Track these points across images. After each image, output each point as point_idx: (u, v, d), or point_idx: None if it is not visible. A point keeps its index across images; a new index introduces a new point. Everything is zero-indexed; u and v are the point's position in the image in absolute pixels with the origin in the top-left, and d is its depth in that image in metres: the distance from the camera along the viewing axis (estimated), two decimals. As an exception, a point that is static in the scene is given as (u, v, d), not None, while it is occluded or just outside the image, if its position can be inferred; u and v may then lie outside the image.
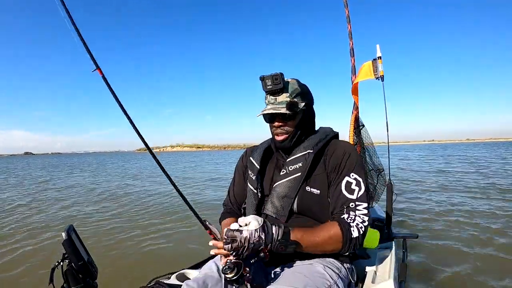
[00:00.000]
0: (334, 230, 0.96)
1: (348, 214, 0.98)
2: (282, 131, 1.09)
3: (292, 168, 1.08)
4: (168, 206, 5.29)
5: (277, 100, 1.07)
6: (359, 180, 1.02)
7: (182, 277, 1.28)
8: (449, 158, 17.20)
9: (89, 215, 4.79)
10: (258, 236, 0.87)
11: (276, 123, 1.09)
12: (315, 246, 0.96)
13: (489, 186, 6.27)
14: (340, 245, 0.96)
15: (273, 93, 1.07)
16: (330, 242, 0.95)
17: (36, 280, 2.44)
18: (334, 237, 0.95)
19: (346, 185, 1.02)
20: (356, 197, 1.00)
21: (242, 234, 0.86)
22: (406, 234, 1.87)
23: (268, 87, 1.06)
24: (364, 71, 1.99)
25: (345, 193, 1.01)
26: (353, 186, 1.01)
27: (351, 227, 0.96)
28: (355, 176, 1.03)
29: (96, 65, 1.09)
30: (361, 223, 0.97)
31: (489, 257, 2.57)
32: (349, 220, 0.97)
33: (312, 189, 1.05)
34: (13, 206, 5.76)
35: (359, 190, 1.01)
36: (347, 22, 2.16)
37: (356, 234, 0.95)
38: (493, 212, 4.08)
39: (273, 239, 0.90)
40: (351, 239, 0.95)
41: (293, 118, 1.08)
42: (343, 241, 0.95)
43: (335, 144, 1.12)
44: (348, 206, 0.99)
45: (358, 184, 1.02)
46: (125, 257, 2.91)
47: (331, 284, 0.95)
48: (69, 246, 0.85)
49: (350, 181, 1.02)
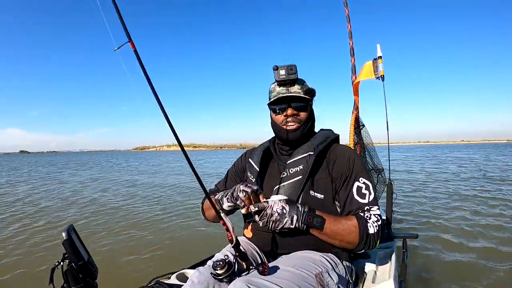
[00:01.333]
0: (353, 222, 0.97)
1: (364, 213, 1.00)
2: (295, 119, 1.09)
3: (293, 171, 1.07)
4: (168, 206, 5.29)
5: (289, 90, 1.07)
6: (368, 184, 1.03)
7: (182, 277, 1.28)
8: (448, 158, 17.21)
9: (89, 215, 4.79)
10: (282, 206, 0.91)
11: (290, 111, 1.07)
12: (336, 231, 0.96)
13: (489, 186, 6.28)
14: (357, 239, 0.96)
15: (285, 84, 1.08)
16: (349, 233, 0.96)
17: (36, 280, 2.44)
18: (353, 229, 0.96)
19: (357, 190, 1.03)
20: (368, 201, 1.01)
21: (268, 203, 0.91)
22: (406, 234, 1.87)
23: (281, 77, 1.05)
24: (365, 71, 2.00)
25: (357, 198, 1.02)
26: (364, 191, 1.02)
27: (368, 223, 0.97)
28: (364, 181, 1.04)
29: (129, 37, 0.90)
30: (376, 222, 0.98)
31: (489, 257, 2.57)
32: (366, 217, 0.99)
33: (316, 193, 1.04)
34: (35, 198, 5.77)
35: (369, 194, 1.02)
36: (347, 21, 2.16)
37: (373, 230, 0.96)
38: (493, 212, 4.10)
39: (299, 211, 0.93)
40: (367, 235, 0.96)
41: (306, 108, 1.10)
42: (360, 235, 0.95)
43: (337, 149, 1.12)
44: (363, 209, 1.01)
45: (367, 188, 1.03)
46: (125, 257, 2.90)
47: (321, 271, 0.95)
48: (69, 246, 0.85)
49: (360, 186, 1.03)
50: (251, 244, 1.16)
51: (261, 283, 0.82)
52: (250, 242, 1.18)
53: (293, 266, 0.92)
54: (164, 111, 0.89)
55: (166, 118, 0.89)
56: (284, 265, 0.93)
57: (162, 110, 0.89)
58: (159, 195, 6.56)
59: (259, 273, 0.86)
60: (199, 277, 0.94)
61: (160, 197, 6.30)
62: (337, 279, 0.98)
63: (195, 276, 0.95)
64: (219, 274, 0.87)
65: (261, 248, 1.16)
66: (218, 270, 0.87)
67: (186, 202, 5.61)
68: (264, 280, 0.83)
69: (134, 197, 6.49)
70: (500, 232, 3.22)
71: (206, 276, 0.93)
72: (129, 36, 0.89)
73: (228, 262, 0.89)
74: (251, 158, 1.24)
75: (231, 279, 0.87)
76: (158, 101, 0.88)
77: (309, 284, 0.89)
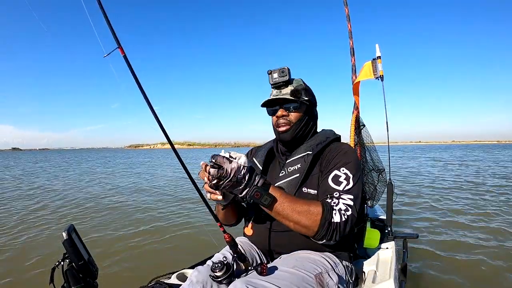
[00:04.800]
0: (315, 206, 0.91)
1: (332, 199, 0.94)
2: (284, 121, 1.10)
3: (291, 170, 1.08)
4: (168, 206, 5.30)
5: (281, 92, 1.09)
6: (349, 176, 0.98)
7: (182, 277, 1.28)
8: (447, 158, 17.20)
9: (89, 215, 4.79)
10: (243, 173, 0.84)
11: (279, 113, 1.10)
12: (290, 213, 0.88)
13: (489, 187, 6.27)
14: (316, 224, 0.88)
15: (278, 87, 1.10)
16: (307, 216, 0.89)
17: (36, 280, 2.45)
18: (313, 212, 0.89)
19: (334, 177, 0.98)
20: (342, 188, 0.95)
21: (231, 164, 0.82)
22: (406, 234, 1.87)
23: (274, 79, 1.08)
24: (364, 71, 1.99)
25: (330, 183, 0.98)
26: (341, 179, 0.97)
27: (333, 210, 0.91)
28: (346, 171, 0.99)
29: (118, 43, 0.89)
30: (344, 211, 0.91)
31: (489, 257, 2.57)
32: (332, 203, 0.92)
33: (309, 189, 1.04)
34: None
35: (347, 184, 0.96)
36: (347, 21, 2.15)
37: (338, 219, 0.89)
38: (493, 212, 4.09)
39: (252, 183, 0.86)
40: (330, 223, 0.89)
41: (296, 109, 1.10)
42: (321, 222, 0.88)
43: (334, 145, 1.12)
44: (332, 194, 0.95)
45: (347, 179, 0.97)
46: (126, 257, 2.90)
47: (321, 272, 0.95)
48: (69, 246, 0.85)
49: (339, 175, 0.98)
50: (250, 244, 1.17)
51: (260, 284, 0.82)
52: (249, 241, 1.18)
53: (292, 267, 0.92)
54: (156, 115, 0.90)
55: (158, 122, 0.90)
56: (283, 266, 0.93)
57: (154, 115, 0.90)
58: (159, 195, 6.56)
59: (257, 273, 0.86)
60: (197, 276, 0.94)
61: (160, 197, 6.30)
62: (337, 279, 0.97)
63: (194, 275, 0.95)
64: (218, 276, 0.87)
65: (260, 247, 1.16)
66: (217, 272, 0.87)
67: (186, 202, 5.61)
68: (264, 281, 0.83)
69: (134, 197, 6.49)
70: (501, 232, 3.22)
71: (205, 276, 0.93)
72: (118, 42, 0.89)
73: (226, 264, 0.89)
74: (255, 157, 1.26)
75: (230, 281, 0.87)
76: (150, 107, 0.89)
77: (309, 285, 0.89)
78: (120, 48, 0.89)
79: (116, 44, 0.89)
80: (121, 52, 0.89)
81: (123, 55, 0.89)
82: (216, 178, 0.81)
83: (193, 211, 4.75)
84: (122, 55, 0.90)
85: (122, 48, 0.89)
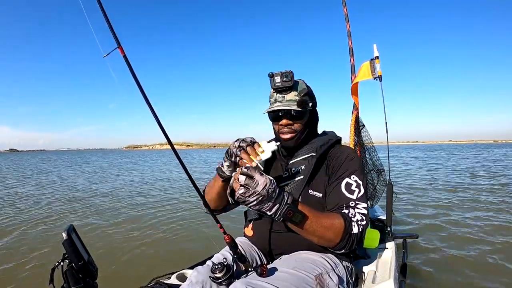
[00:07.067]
0: (337, 219, 0.92)
1: (349, 210, 0.96)
2: (289, 129, 1.08)
3: (295, 171, 1.07)
4: (168, 206, 5.29)
5: (285, 98, 1.05)
6: (359, 183, 1.01)
7: (182, 277, 1.28)
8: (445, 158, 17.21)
9: (89, 215, 4.79)
10: (271, 188, 0.79)
11: (284, 121, 1.06)
12: (317, 228, 0.88)
13: (489, 187, 6.28)
14: (339, 237, 0.90)
15: (281, 91, 1.05)
16: (332, 230, 0.90)
17: (36, 281, 2.44)
18: (337, 226, 0.90)
19: (346, 186, 1.00)
20: (356, 197, 0.98)
21: (260, 179, 0.78)
22: (406, 234, 1.88)
23: (277, 84, 1.03)
24: (362, 72, 1.99)
25: (345, 192, 0.99)
26: (353, 188, 1.00)
27: (352, 222, 0.93)
28: (356, 179, 1.01)
29: (118, 43, 0.88)
30: (360, 221, 0.94)
31: (489, 257, 2.57)
32: (350, 215, 0.94)
33: (315, 192, 1.05)
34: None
35: (359, 192, 0.99)
36: (346, 21, 2.16)
37: (356, 230, 0.92)
38: (492, 211, 4.09)
39: (283, 200, 0.83)
40: (350, 234, 0.91)
41: (301, 117, 1.07)
42: (343, 234, 0.90)
43: (338, 149, 1.12)
44: (348, 204, 0.97)
45: (358, 186, 1.00)
46: (125, 257, 2.90)
47: (321, 273, 0.95)
48: (69, 246, 0.85)
49: (351, 183, 1.00)
50: (251, 245, 1.17)
51: (260, 285, 0.82)
52: (249, 242, 1.18)
53: (292, 268, 0.92)
54: (155, 116, 0.89)
55: (158, 122, 0.89)
56: (283, 267, 0.93)
57: (154, 115, 0.89)
58: (159, 195, 6.55)
59: (257, 274, 0.86)
60: (197, 277, 0.94)
61: (160, 197, 6.29)
62: (337, 280, 0.98)
63: (193, 275, 0.95)
64: (218, 277, 0.87)
65: (261, 248, 1.16)
66: (217, 274, 0.87)
67: (186, 202, 5.60)
68: (264, 282, 0.83)
69: (134, 197, 6.48)
70: (501, 232, 3.21)
71: (205, 276, 0.93)
72: (118, 41, 0.89)
73: (226, 265, 0.89)
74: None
75: (230, 282, 0.87)
76: (150, 107, 0.89)
77: (309, 285, 0.90)
78: (120, 48, 0.89)
79: (116, 44, 0.89)
80: (121, 52, 0.89)
81: (123, 55, 0.89)
82: (243, 187, 0.78)
83: (193, 212, 4.74)
84: (122, 55, 0.89)
85: (122, 48, 0.89)
